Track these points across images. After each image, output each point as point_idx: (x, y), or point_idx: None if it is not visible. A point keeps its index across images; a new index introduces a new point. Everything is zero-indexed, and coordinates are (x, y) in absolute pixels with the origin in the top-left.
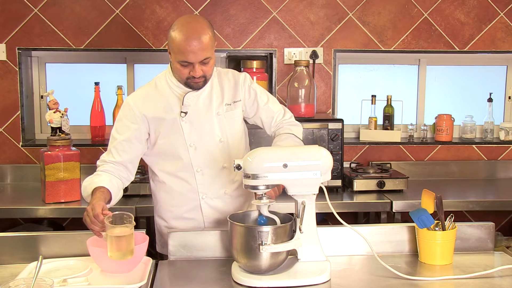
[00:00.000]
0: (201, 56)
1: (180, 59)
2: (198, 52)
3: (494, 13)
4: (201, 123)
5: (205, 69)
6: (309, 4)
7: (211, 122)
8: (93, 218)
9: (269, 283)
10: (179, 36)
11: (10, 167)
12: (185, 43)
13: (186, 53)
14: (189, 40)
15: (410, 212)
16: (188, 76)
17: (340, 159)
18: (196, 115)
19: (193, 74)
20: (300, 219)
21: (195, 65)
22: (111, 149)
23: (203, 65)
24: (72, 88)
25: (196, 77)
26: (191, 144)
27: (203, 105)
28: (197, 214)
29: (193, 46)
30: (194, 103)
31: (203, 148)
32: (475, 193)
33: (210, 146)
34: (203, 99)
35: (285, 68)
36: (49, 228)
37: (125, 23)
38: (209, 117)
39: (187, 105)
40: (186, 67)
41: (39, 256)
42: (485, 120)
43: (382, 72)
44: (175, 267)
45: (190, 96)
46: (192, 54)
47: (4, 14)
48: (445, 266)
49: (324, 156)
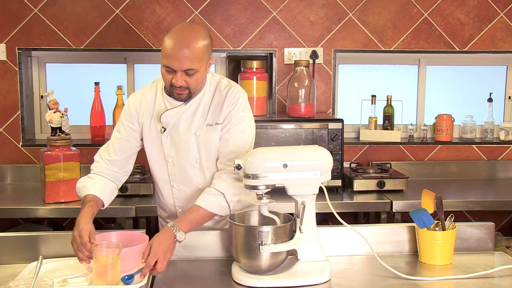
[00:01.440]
0: (185, 65)
1: (164, 63)
2: (183, 60)
3: (494, 13)
4: (180, 140)
5: (189, 81)
6: (309, 4)
7: (189, 142)
8: (80, 246)
9: (269, 283)
10: (168, 41)
11: (10, 167)
12: (171, 48)
13: (170, 58)
14: (176, 46)
15: (410, 212)
16: (171, 84)
17: (340, 159)
18: (175, 132)
19: (174, 83)
20: (300, 219)
21: (177, 73)
22: (109, 146)
23: (187, 76)
24: (72, 88)
25: (177, 86)
26: (170, 159)
27: (184, 122)
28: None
29: (179, 53)
30: (175, 120)
31: (180, 166)
32: (475, 193)
33: (187, 165)
34: (186, 117)
35: (285, 68)
36: (49, 228)
37: (125, 23)
38: (188, 136)
39: (165, 123)
40: (169, 73)
41: (39, 256)
42: (485, 120)
43: (382, 72)
44: (175, 267)
45: (168, 114)
46: (175, 61)
47: (4, 14)
48: (445, 266)
49: (324, 156)
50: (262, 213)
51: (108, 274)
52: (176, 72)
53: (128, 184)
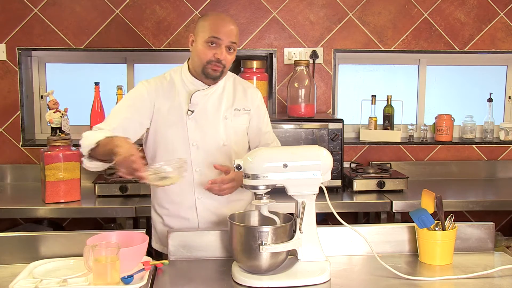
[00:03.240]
0: (232, 37)
1: (211, 34)
2: (230, 33)
3: (494, 13)
4: (207, 123)
5: (227, 58)
6: (309, 4)
7: (217, 125)
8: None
9: (269, 283)
10: (214, 17)
11: (10, 167)
12: (220, 21)
13: (219, 29)
14: (224, 21)
15: (410, 212)
16: (210, 59)
17: (340, 159)
18: (203, 115)
19: (218, 56)
20: (300, 219)
21: (222, 46)
22: (110, 121)
23: (228, 52)
24: (72, 88)
25: (220, 59)
26: (194, 143)
27: (211, 106)
28: (192, 214)
29: (227, 26)
30: (202, 103)
31: (205, 149)
32: (475, 193)
33: (213, 148)
34: (213, 100)
35: (285, 68)
36: (49, 228)
37: (125, 23)
38: (216, 119)
39: (194, 104)
40: (212, 49)
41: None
42: (485, 120)
43: (382, 72)
44: (175, 267)
45: (198, 95)
46: (223, 33)
47: (4, 14)
48: (445, 266)
49: (324, 156)
50: (262, 213)
51: (107, 274)
52: (220, 47)
53: (128, 184)
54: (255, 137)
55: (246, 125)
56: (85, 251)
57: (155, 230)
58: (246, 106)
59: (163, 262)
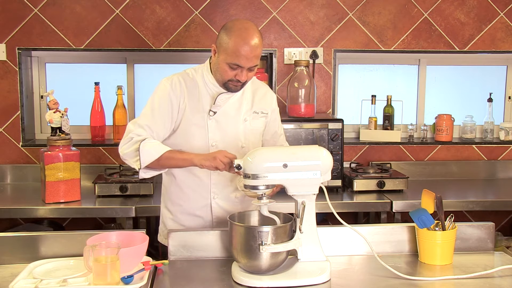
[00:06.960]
0: (252, 63)
1: (231, 61)
2: (251, 58)
3: (494, 13)
4: (227, 125)
5: (249, 75)
6: (309, 4)
7: (237, 127)
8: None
9: (269, 283)
10: (237, 40)
11: (10, 167)
12: (241, 47)
13: (240, 57)
14: (246, 46)
15: (410, 212)
16: (231, 79)
17: (340, 159)
18: (224, 116)
19: (238, 78)
20: (300, 219)
21: (244, 70)
22: (144, 126)
23: (249, 71)
24: (72, 88)
25: (242, 81)
26: (213, 143)
27: (232, 108)
28: (207, 213)
29: (248, 52)
30: (226, 104)
31: (224, 149)
32: (475, 193)
33: (231, 149)
34: (233, 102)
35: (285, 68)
36: (49, 228)
37: (125, 23)
38: (236, 121)
39: (218, 105)
40: (233, 70)
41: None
42: (485, 120)
43: (382, 72)
44: (175, 267)
45: (223, 97)
46: (245, 59)
47: (4, 14)
48: (445, 266)
49: (324, 156)
50: (262, 213)
51: (107, 274)
52: (241, 69)
53: (128, 184)
54: (270, 139)
55: (262, 128)
56: (85, 251)
57: (164, 225)
58: (264, 109)
59: (163, 262)
